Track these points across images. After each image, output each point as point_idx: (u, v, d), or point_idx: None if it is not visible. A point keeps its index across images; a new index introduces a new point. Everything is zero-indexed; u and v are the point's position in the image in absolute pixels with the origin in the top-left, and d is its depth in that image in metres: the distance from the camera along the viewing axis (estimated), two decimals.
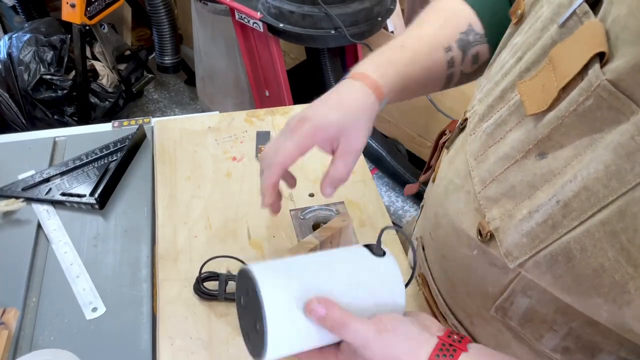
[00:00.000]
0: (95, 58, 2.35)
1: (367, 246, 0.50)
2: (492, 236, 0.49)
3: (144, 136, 1.01)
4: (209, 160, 0.96)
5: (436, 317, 0.68)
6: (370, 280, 0.48)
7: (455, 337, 0.45)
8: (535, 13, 0.50)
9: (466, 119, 0.58)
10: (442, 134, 0.69)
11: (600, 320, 0.44)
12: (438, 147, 0.69)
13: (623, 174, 0.37)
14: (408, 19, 2.18)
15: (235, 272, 0.78)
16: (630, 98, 0.36)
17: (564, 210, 0.41)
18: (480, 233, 0.51)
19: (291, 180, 0.66)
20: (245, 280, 0.46)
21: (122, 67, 2.43)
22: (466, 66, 0.66)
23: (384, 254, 0.49)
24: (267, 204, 0.60)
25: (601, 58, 0.38)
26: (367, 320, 0.45)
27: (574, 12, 0.42)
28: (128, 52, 2.46)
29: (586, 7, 0.41)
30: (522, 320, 0.52)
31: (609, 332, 0.45)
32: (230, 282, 0.74)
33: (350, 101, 0.57)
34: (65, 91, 2.18)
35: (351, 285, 0.47)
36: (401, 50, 0.62)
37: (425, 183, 0.74)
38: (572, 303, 0.45)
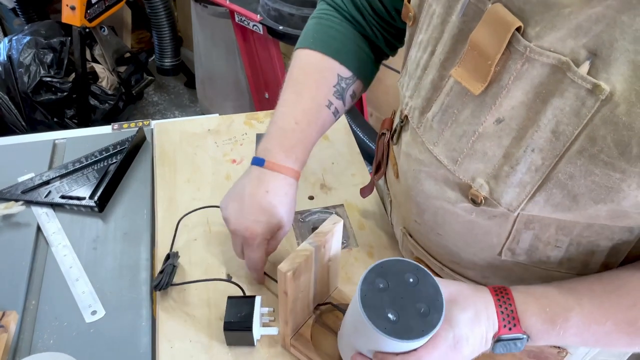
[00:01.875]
0: (95, 60, 2.35)
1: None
2: (487, 199, 0.54)
3: (143, 139, 1.01)
4: (208, 163, 0.96)
5: None
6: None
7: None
8: (427, 12, 0.57)
9: (406, 116, 0.63)
10: (381, 134, 0.73)
11: (599, 221, 0.51)
12: (384, 147, 0.74)
13: (577, 109, 0.44)
14: None
15: (235, 276, 0.78)
16: (556, 52, 0.44)
17: (541, 155, 0.48)
18: (474, 201, 0.55)
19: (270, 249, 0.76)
20: (406, 269, 0.53)
21: (122, 69, 2.44)
22: (348, 105, 0.75)
23: None
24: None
25: (518, 31, 0.46)
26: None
27: (468, 2, 0.49)
28: (128, 55, 2.46)
29: None
30: (529, 251, 0.58)
31: (602, 228, 0.53)
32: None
33: (281, 197, 0.69)
34: (65, 93, 2.18)
35: None
36: (298, 128, 0.71)
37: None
38: (574, 218, 0.51)
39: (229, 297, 0.70)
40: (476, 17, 0.49)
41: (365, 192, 0.84)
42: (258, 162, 0.70)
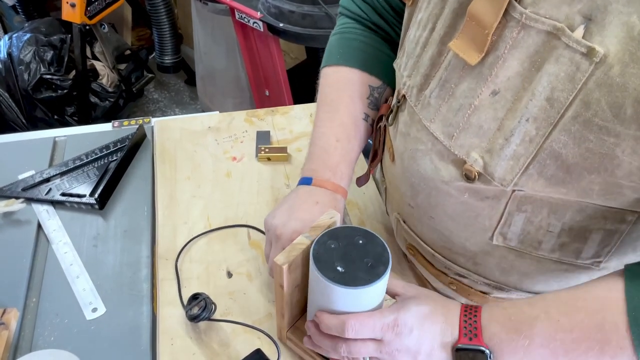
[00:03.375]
0: (95, 58, 2.35)
1: None
2: (480, 174, 0.55)
3: (144, 136, 1.01)
4: (208, 160, 0.96)
5: (435, 277, 0.73)
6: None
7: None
8: None
9: (403, 96, 0.63)
10: (379, 120, 0.73)
11: (591, 198, 0.51)
12: (380, 133, 0.74)
13: (572, 75, 0.45)
14: None
15: (232, 270, 0.78)
16: (551, 19, 0.45)
17: (535, 124, 0.48)
18: (468, 177, 0.56)
19: None
20: (362, 235, 0.58)
21: (122, 66, 2.43)
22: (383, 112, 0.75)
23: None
24: None
25: None
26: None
27: None
28: (128, 52, 2.46)
29: None
30: (521, 236, 0.58)
31: (595, 212, 0.52)
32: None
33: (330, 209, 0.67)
34: (65, 91, 2.18)
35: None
36: (339, 145, 0.72)
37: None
38: (566, 194, 0.51)
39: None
40: None
41: (361, 181, 0.84)
42: (306, 181, 0.70)
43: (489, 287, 0.68)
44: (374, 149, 0.77)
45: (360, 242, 0.58)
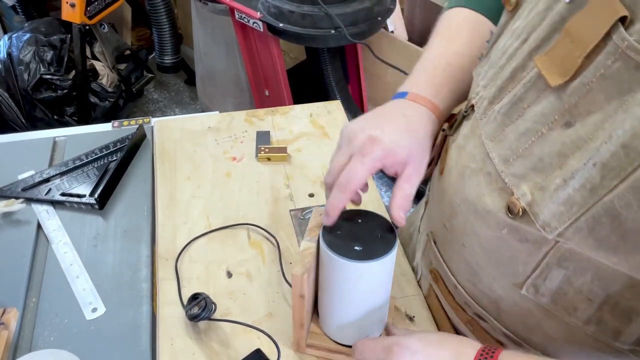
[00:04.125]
0: (95, 58, 2.35)
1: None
2: (524, 212, 0.48)
3: (143, 136, 1.01)
4: (208, 160, 0.96)
5: (453, 310, 0.69)
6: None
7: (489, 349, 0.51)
8: None
9: (472, 106, 0.58)
10: (443, 129, 0.69)
11: None
12: (440, 140, 0.69)
13: None
14: (408, 18, 2.18)
15: (232, 269, 0.78)
16: None
17: (602, 172, 0.42)
18: (510, 211, 0.50)
19: (357, 199, 0.65)
20: (368, 217, 0.62)
21: (122, 66, 2.43)
22: None
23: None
24: (331, 223, 0.61)
25: (622, 22, 0.40)
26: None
27: None
28: (128, 52, 2.46)
29: None
30: (556, 295, 0.51)
31: None
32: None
33: (418, 126, 0.60)
34: (65, 91, 2.18)
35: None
36: (449, 68, 0.65)
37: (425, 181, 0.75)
38: (617, 264, 0.44)
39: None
40: (582, 5, 0.44)
41: None
42: (400, 95, 0.63)
43: (507, 339, 0.61)
44: (432, 155, 0.71)
45: (360, 221, 0.61)
